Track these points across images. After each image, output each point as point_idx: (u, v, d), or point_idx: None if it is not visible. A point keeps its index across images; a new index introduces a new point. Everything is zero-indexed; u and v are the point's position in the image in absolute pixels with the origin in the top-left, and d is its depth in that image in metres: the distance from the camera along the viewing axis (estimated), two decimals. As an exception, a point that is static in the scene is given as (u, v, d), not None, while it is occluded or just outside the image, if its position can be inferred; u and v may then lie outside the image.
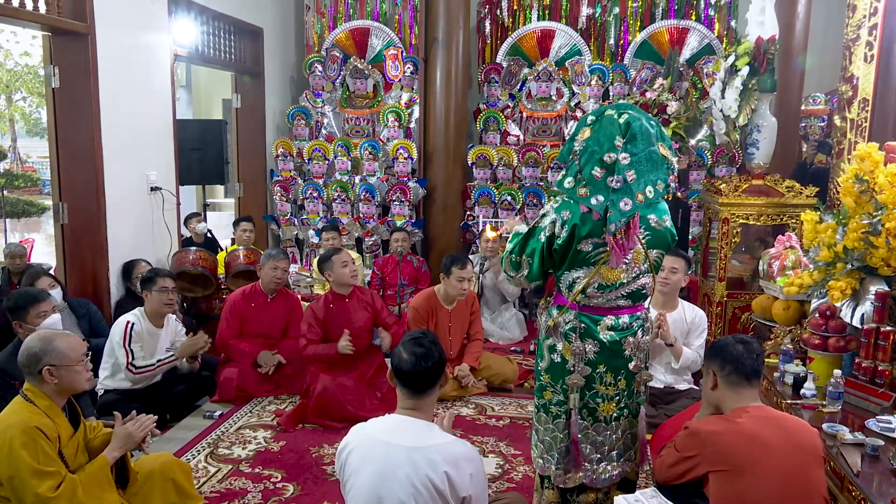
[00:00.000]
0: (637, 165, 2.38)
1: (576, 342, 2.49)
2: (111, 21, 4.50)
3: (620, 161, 2.37)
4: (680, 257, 3.76)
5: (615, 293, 2.47)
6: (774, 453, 2.16)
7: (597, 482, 2.58)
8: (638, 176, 2.38)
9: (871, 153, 3.18)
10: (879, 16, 3.67)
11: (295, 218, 6.58)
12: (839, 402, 2.90)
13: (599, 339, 2.49)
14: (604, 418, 2.54)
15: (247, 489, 3.19)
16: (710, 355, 2.41)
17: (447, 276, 4.29)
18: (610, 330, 2.50)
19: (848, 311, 3.23)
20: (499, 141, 6.68)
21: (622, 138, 2.38)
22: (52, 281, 4.00)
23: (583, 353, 2.50)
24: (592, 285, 2.45)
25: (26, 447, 2.22)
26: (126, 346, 3.71)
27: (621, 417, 2.57)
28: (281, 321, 4.53)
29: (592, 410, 2.54)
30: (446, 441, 2.09)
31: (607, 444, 2.57)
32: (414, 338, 2.17)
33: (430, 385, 2.13)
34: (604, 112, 2.47)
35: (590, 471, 2.57)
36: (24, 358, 2.37)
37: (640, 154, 2.38)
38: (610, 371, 2.52)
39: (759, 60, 4.46)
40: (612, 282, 2.45)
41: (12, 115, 19.60)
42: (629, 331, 2.52)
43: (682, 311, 3.81)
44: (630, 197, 2.37)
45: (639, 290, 2.51)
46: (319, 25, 7.04)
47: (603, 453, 2.58)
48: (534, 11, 6.86)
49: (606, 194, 2.37)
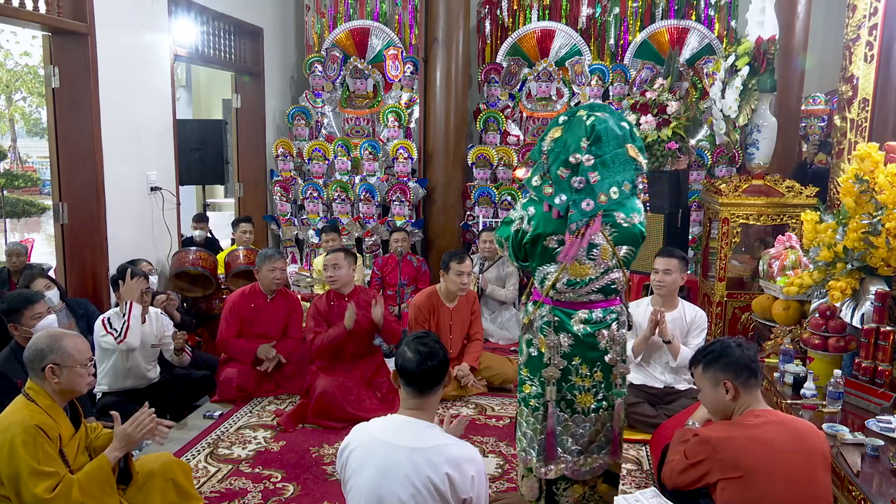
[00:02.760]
0: (601, 167, 2.46)
1: (551, 336, 2.58)
2: (111, 21, 4.50)
3: (584, 162, 2.45)
4: (673, 257, 3.75)
5: (586, 288, 2.56)
6: (785, 458, 2.14)
7: (578, 474, 2.65)
8: (602, 177, 2.46)
9: (871, 153, 3.18)
10: (879, 16, 3.67)
11: (295, 218, 6.58)
12: (839, 402, 2.90)
13: (573, 332, 2.58)
14: (582, 410, 2.62)
15: (247, 489, 3.19)
16: (717, 367, 2.31)
17: (446, 272, 4.32)
18: (583, 323, 2.58)
19: (848, 311, 3.23)
20: (499, 141, 6.68)
21: (587, 140, 2.46)
22: (48, 282, 3.96)
23: (558, 346, 2.58)
24: (561, 280, 2.55)
25: (27, 446, 2.22)
26: (108, 329, 3.64)
27: (600, 409, 2.64)
28: (281, 321, 4.53)
29: (570, 402, 2.62)
30: (448, 442, 2.08)
31: (587, 435, 2.64)
32: (418, 337, 2.17)
33: (434, 384, 2.13)
34: (575, 113, 2.56)
35: (571, 462, 2.64)
36: (30, 353, 2.38)
37: (606, 156, 2.46)
38: (585, 363, 2.59)
39: (759, 60, 4.46)
40: (581, 277, 2.54)
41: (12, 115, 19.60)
42: (602, 324, 2.60)
43: (681, 311, 3.81)
44: (592, 198, 2.45)
45: (609, 284, 2.59)
46: (319, 25, 7.05)
47: (583, 445, 2.64)
48: (534, 11, 6.86)
49: (570, 194, 2.46)
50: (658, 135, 5.25)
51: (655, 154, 5.30)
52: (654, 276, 3.79)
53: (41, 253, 9.27)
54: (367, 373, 4.22)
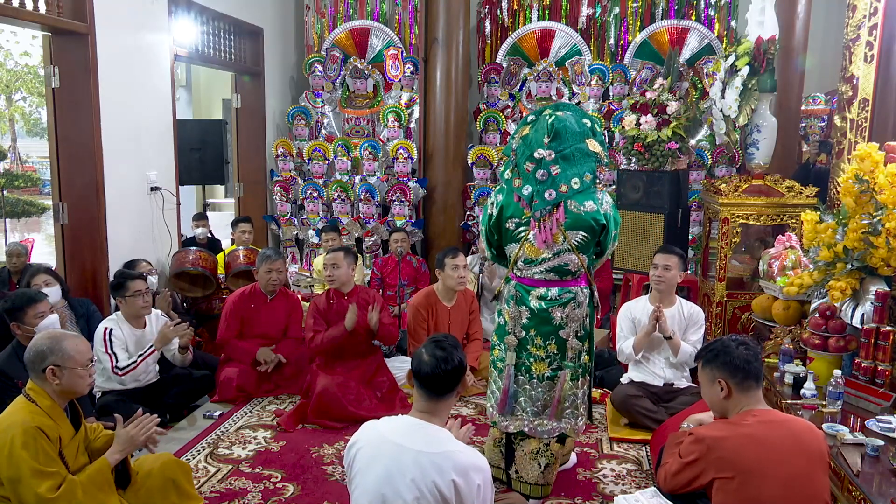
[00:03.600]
0: (562, 161, 2.80)
1: (512, 307, 2.97)
2: (111, 21, 4.50)
3: (546, 157, 2.80)
4: (673, 254, 3.79)
5: (540, 267, 2.91)
6: (781, 458, 2.14)
7: (535, 433, 3.00)
8: (562, 170, 2.80)
9: (871, 153, 3.18)
10: (879, 16, 3.67)
11: (295, 218, 6.58)
12: (839, 402, 2.90)
13: (530, 306, 2.94)
14: (537, 376, 2.97)
15: (247, 489, 3.19)
16: (714, 365, 2.34)
17: (442, 269, 4.35)
18: (540, 300, 2.93)
19: (848, 311, 3.23)
20: (499, 141, 6.68)
21: (548, 137, 2.80)
22: (48, 278, 3.91)
23: (518, 317, 2.96)
24: (521, 259, 2.94)
25: (27, 447, 2.22)
26: (108, 351, 3.68)
27: (554, 378, 2.97)
28: (281, 321, 4.53)
29: (528, 368, 2.98)
30: (457, 449, 2.07)
31: (541, 399, 2.99)
32: (436, 340, 2.17)
33: (449, 389, 2.13)
34: (542, 112, 2.91)
35: (527, 421, 3.00)
36: (31, 355, 2.38)
37: (566, 150, 2.80)
38: (539, 335, 2.94)
39: (759, 60, 4.46)
40: (535, 257, 2.90)
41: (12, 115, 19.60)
42: (557, 302, 2.92)
43: (679, 307, 3.85)
44: (554, 188, 2.79)
45: (563, 265, 2.90)
46: (319, 25, 7.04)
47: (539, 408, 2.99)
48: (534, 11, 6.85)
49: (534, 185, 2.81)
50: (658, 135, 5.25)
51: (655, 154, 5.30)
52: (652, 271, 3.82)
53: (41, 253, 9.28)
54: (367, 372, 4.22)
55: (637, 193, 5.31)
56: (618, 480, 3.32)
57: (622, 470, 3.43)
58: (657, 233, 5.15)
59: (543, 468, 3.00)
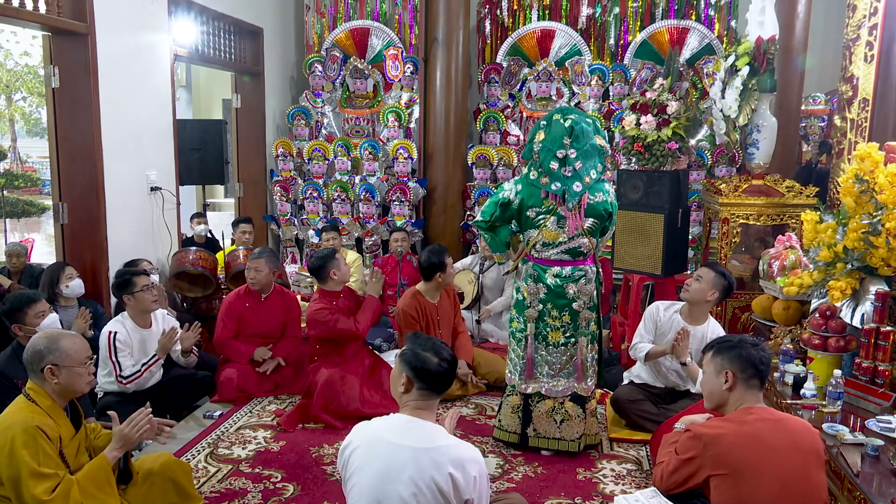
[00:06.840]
0: (582, 157, 3.27)
1: (531, 284, 3.44)
2: (111, 21, 4.50)
3: (570, 155, 3.27)
4: (712, 270, 3.64)
5: (556, 249, 3.38)
6: (777, 456, 2.14)
7: (551, 393, 3.47)
8: (583, 164, 3.28)
9: (871, 153, 3.18)
10: (879, 16, 3.67)
11: (295, 218, 6.58)
12: (839, 402, 2.90)
13: (547, 283, 3.41)
14: (553, 343, 3.46)
15: (247, 489, 3.19)
16: (727, 355, 2.34)
17: (443, 270, 4.33)
18: (555, 277, 3.40)
19: (848, 311, 3.23)
20: (499, 141, 6.68)
21: (569, 138, 3.26)
22: (73, 271, 4.07)
23: (536, 293, 3.43)
24: (539, 242, 3.39)
25: (27, 447, 2.22)
26: (112, 359, 3.66)
27: (568, 344, 3.46)
28: (278, 320, 4.52)
29: (545, 337, 3.46)
30: (452, 443, 2.09)
31: (557, 363, 3.47)
32: (429, 339, 2.20)
33: (448, 385, 2.18)
34: (552, 117, 3.35)
35: (545, 383, 3.48)
36: (29, 355, 2.38)
37: (584, 148, 3.28)
38: (556, 308, 3.42)
39: (759, 60, 4.46)
40: (553, 240, 3.37)
41: (12, 115, 19.59)
42: (570, 278, 3.40)
43: (707, 327, 3.68)
44: (580, 181, 3.28)
45: (577, 248, 3.38)
46: (319, 25, 7.04)
47: (555, 371, 3.48)
48: (534, 11, 6.85)
49: (563, 181, 3.28)
50: (658, 135, 5.23)
51: (655, 154, 5.29)
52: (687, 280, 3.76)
53: (41, 253, 9.27)
54: (367, 367, 4.21)
55: (637, 193, 5.30)
56: (618, 480, 3.33)
57: (622, 470, 3.43)
58: (657, 233, 5.14)
59: (560, 423, 3.48)
